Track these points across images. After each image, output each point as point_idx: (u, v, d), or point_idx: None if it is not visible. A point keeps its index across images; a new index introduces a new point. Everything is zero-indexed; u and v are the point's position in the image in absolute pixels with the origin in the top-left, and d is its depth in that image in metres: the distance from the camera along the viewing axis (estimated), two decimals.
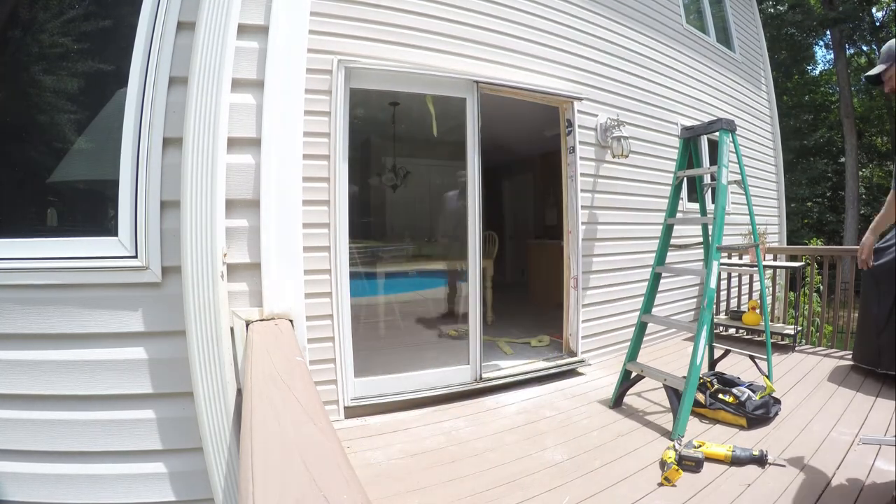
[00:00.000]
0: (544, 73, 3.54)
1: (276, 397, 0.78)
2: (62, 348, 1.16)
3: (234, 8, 1.18)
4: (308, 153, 2.53)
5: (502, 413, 2.80)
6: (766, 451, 2.08)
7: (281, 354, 0.99)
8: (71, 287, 1.16)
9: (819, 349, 4.01)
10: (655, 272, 3.01)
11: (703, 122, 3.08)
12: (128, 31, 1.18)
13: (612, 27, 4.05)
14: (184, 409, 1.17)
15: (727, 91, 5.57)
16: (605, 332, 3.88)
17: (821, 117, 15.38)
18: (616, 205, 3.98)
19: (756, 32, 6.62)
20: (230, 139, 1.19)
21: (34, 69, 1.30)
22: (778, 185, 6.81)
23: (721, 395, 2.61)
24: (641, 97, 4.27)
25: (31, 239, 1.20)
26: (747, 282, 5.20)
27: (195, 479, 1.18)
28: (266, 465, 0.57)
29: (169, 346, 1.18)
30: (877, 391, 2.91)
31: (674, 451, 2.10)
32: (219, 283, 1.13)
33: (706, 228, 3.12)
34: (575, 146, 3.63)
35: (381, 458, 2.24)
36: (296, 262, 1.30)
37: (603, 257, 3.86)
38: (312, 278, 2.63)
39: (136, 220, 1.16)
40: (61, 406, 1.17)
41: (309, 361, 1.15)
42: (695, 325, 2.63)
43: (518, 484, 1.98)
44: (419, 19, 3.00)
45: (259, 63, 1.24)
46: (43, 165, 1.31)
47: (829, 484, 1.88)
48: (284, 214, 1.27)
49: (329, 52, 2.70)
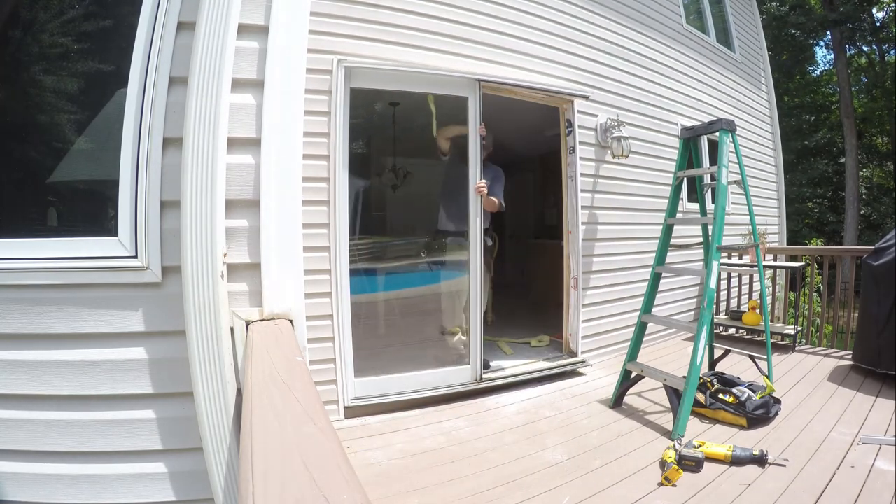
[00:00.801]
0: (544, 72, 3.54)
1: (276, 397, 0.78)
2: (62, 348, 1.16)
3: (234, 8, 1.18)
4: (308, 153, 2.53)
5: (502, 413, 2.80)
6: (766, 451, 2.08)
7: (281, 354, 0.99)
8: (71, 287, 1.16)
9: (819, 349, 4.01)
10: (655, 272, 3.01)
11: (704, 123, 3.08)
12: (128, 32, 1.18)
13: (612, 27, 4.05)
14: (184, 409, 1.17)
15: (727, 91, 5.56)
16: (605, 332, 3.88)
17: (821, 118, 15.38)
18: (616, 205, 3.98)
19: (756, 33, 6.62)
20: (230, 139, 1.19)
21: (34, 69, 1.30)
22: (778, 185, 6.81)
23: (721, 395, 2.61)
24: (641, 97, 4.27)
25: (31, 239, 1.20)
26: (747, 282, 5.19)
27: (195, 479, 1.18)
28: (266, 465, 0.57)
29: (169, 346, 1.18)
30: (877, 391, 2.91)
31: (674, 451, 2.10)
32: (219, 283, 1.13)
33: (706, 228, 3.12)
34: (575, 146, 3.63)
35: (381, 458, 2.24)
36: (296, 262, 1.30)
37: (603, 257, 3.86)
38: (312, 278, 2.63)
39: (136, 220, 1.16)
40: (61, 406, 1.17)
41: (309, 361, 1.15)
42: (695, 325, 2.63)
43: (518, 484, 1.98)
44: (419, 19, 3.00)
45: (259, 63, 1.24)
46: (43, 165, 1.31)
47: (829, 484, 1.88)
48: (284, 214, 1.27)
49: (329, 52, 2.70)
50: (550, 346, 4.05)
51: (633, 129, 4.07)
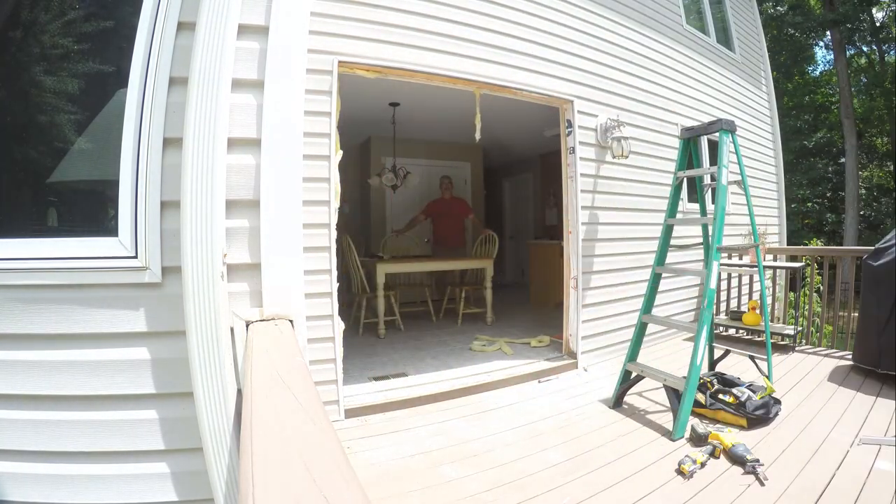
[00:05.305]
0: (544, 73, 3.54)
1: (276, 397, 0.78)
2: (62, 348, 1.17)
3: (234, 8, 1.18)
4: (308, 153, 2.53)
5: (502, 413, 2.80)
6: (759, 464, 2.01)
7: (281, 355, 0.99)
8: (71, 287, 1.16)
9: (819, 349, 4.01)
10: (655, 272, 3.01)
11: (703, 123, 3.08)
12: (128, 32, 1.19)
13: (612, 27, 4.05)
14: (184, 410, 1.17)
15: (727, 91, 5.56)
16: (605, 332, 3.88)
17: (821, 118, 15.38)
18: (616, 205, 3.98)
19: (756, 33, 6.62)
20: (230, 139, 1.19)
21: (35, 70, 1.30)
22: (778, 185, 6.81)
23: (721, 396, 2.61)
24: (641, 97, 4.27)
25: (31, 239, 1.20)
26: (747, 282, 5.19)
27: (195, 479, 1.18)
28: (266, 466, 0.57)
29: (169, 346, 1.18)
30: (877, 391, 2.91)
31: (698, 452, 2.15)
32: (219, 283, 1.13)
33: (706, 229, 3.12)
34: (575, 146, 3.63)
35: (380, 458, 2.24)
36: (296, 263, 1.30)
37: (603, 257, 3.86)
38: (312, 278, 2.62)
39: (137, 220, 1.17)
40: (61, 406, 1.17)
41: (309, 361, 1.15)
42: (695, 325, 2.63)
43: (518, 484, 1.98)
44: (420, 20, 3.00)
45: (259, 63, 1.25)
46: (43, 165, 1.31)
47: (829, 484, 1.88)
48: (284, 214, 1.27)
49: (329, 52, 2.70)
50: (550, 346, 4.06)
51: (633, 129, 4.07)
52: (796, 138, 14.27)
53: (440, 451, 2.30)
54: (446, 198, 5.84)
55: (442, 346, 4.18)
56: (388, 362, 3.70)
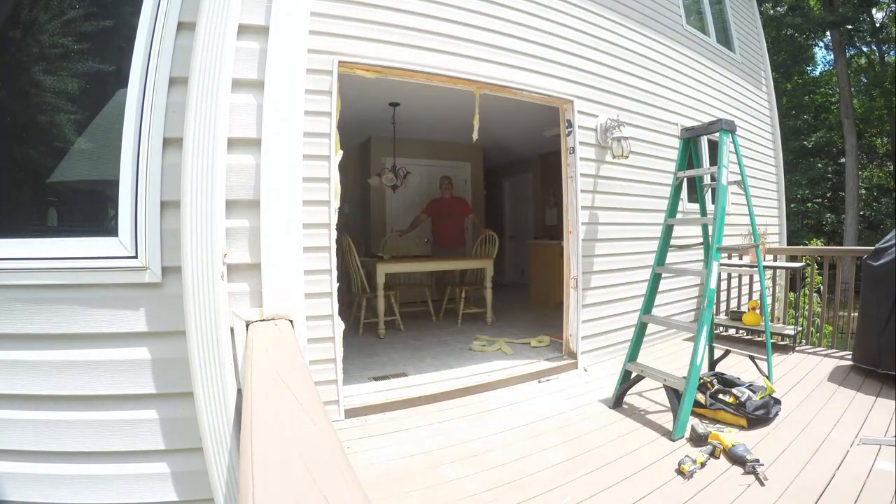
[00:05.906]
0: (544, 73, 3.54)
1: (275, 397, 0.78)
2: (62, 348, 1.16)
3: (234, 8, 1.18)
4: (308, 153, 2.53)
5: (503, 413, 2.80)
6: (758, 464, 2.02)
7: (281, 355, 0.99)
8: (71, 287, 1.16)
9: (819, 349, 4.01)
10: (655, 272, 3.01)
11: (703, 123, 3.08)
12: (128, 32, 1.19)
13: (612, 28, 4.05)
14: (184, 410, 1.17)
15: (727, 91, 5.56)
16: (605, 332, 3.88)
17: (821, 118, 15.38)
18: (616, 205, 3.98)
19: (756, 33, 6.62)
20: (230, 139, 1.19)
21: (35, 69, 1.30)
22: (778, 185, 6.81)
23: (721, 396, 2.61)
24: (641, 97, 4.27)
25: (31, 239, 1.20)
26: (747, 282, 5.19)
27: (195, 479, 1.18)
28: (266, 466, 0.57)
29: (169, 346, 1.18)
30: (877, 391, 2.91)
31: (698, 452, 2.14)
32: (219, 283, 1.13)
33: (706, 229, 3.12)
34: (575, 146, 3.63)
35: (380, 458, 2.24)
36: (296, 262, 1.30)
37: (603, 257, 3.86)
38: (312, 278, 2.62)
39: (137, 220, 1.17)
40: (61, 406, 1.17)
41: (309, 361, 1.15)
42: (695, 325, 2.63)
43: (518, 484, 1.98)
44: (419, 20, 3.00)
45: (259, 63, 1.25)
46: (43, 165, 1.31)
47: (829, 484, 1.88)
48: (284, 214, 1.27)
49: (329, 52, 2.70)
50: (550, 346, 4.06)
51: (633, 129, 4.07)
52: (796, 138, 14.27)
53: (440, 451, 2.30)
54: (446, 197, 5.84)
55: (442, 346, 4.18)
56: (388, 362, 3.70)
